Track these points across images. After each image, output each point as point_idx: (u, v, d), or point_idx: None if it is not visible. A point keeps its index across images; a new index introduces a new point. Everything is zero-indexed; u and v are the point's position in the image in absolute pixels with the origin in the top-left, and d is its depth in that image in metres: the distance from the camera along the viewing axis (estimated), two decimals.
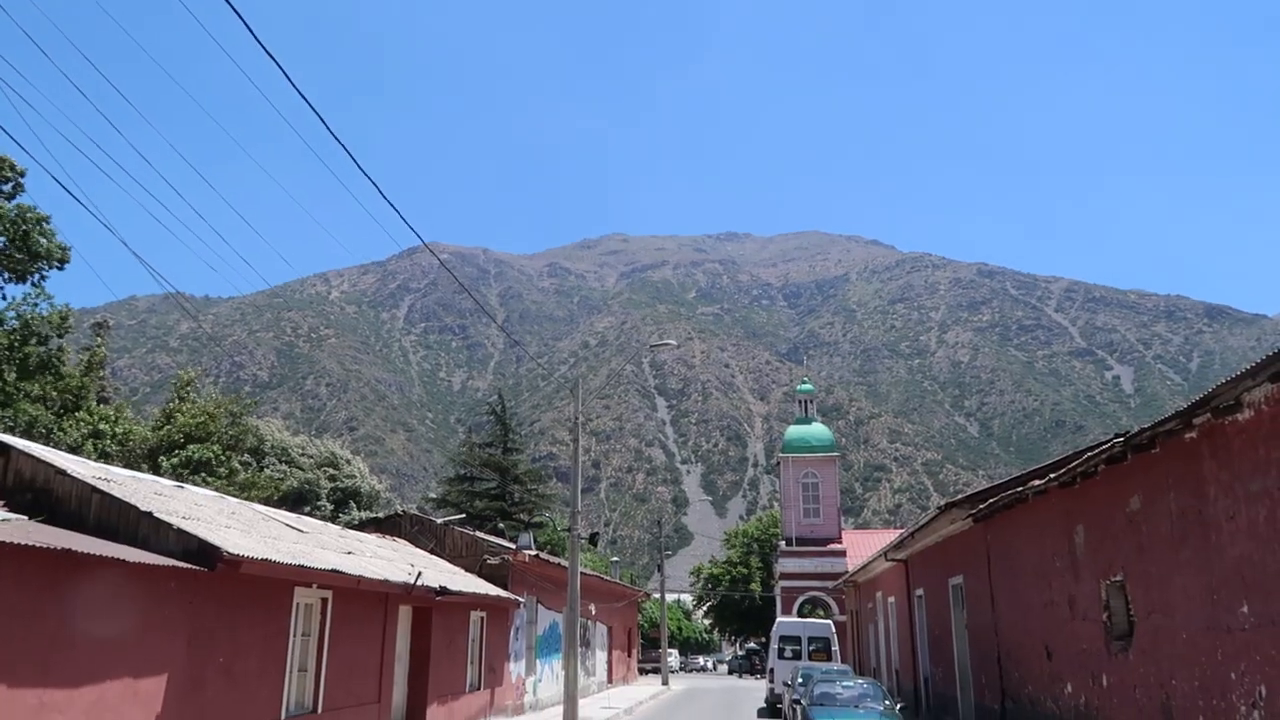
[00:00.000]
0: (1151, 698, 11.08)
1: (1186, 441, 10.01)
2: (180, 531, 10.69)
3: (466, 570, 23.18)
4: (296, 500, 37.16)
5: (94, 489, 11.05)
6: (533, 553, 25.54)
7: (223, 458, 28.68)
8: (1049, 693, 14.72)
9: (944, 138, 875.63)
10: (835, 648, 29.41)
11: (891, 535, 39.44)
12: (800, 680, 21.60)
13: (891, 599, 29.65)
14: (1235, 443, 9.11)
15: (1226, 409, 9.06)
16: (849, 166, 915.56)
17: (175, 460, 26.87)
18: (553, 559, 28.88)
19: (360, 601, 14.82)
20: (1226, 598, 9.34)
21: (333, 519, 34.93)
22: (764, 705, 30.12)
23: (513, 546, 25.41)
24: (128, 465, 23.09)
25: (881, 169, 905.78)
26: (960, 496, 19.46)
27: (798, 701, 19.49)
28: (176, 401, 29.70)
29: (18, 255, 22.63)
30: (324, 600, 13.74)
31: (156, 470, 24.85)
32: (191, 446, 27.76)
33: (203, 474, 26.72)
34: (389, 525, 25.38)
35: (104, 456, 24.18)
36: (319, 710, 13.46)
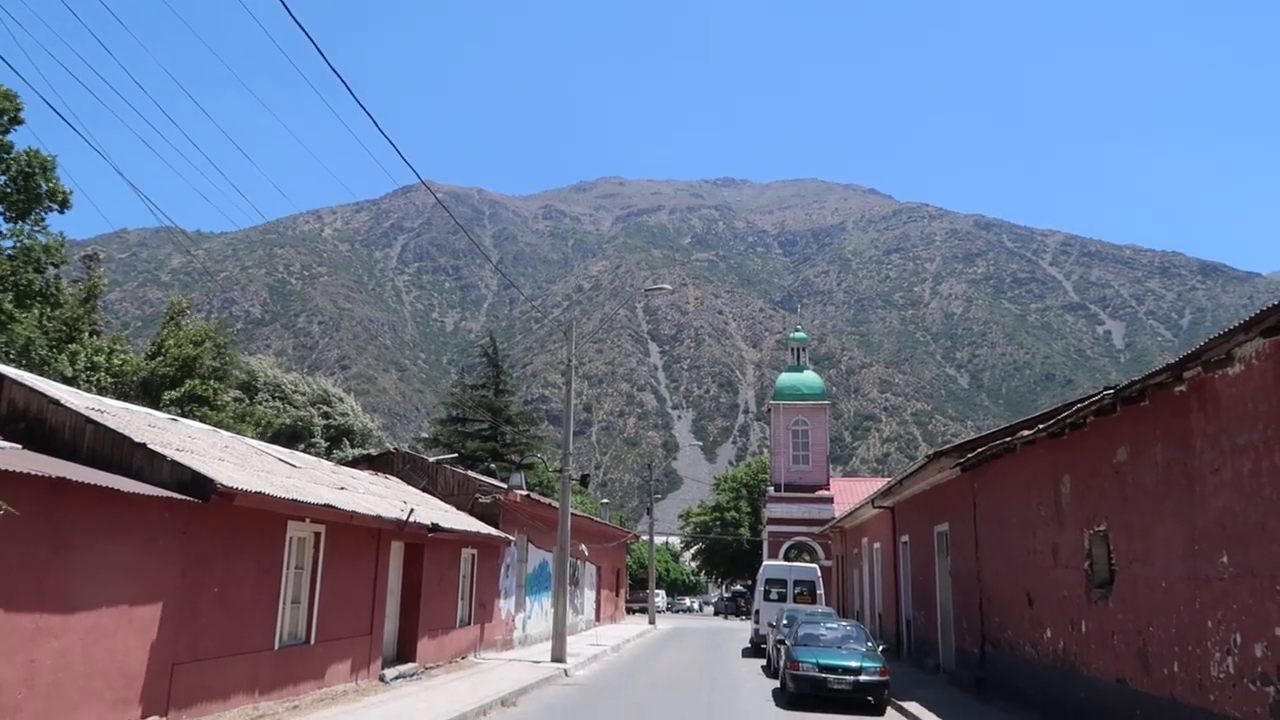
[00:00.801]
0: (1129, 644, 11.32)
1: (1176, 395, 10.09)
2: (174, 463, 10.73)
3: (458, 509, 23.38)
4: (290, 437, 37.26)
5: (88, 420, 11.07)
6: (524, 493, 25.76)
7: (219, 390, 28.63)
8: (1028, 638, 15.01)
9: (945, 88, 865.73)
10: (820, 591, 29.85)
11: (879, 483, 39.82)
12: (785, 622, 21.95)
13: (877, 545, 30.06)
14: (1224, 397, 9.18)
15: (1217, 363, 9.12)
16: (849, 114, 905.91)
17: (176, 394, 26.86)
18: (543, 499, 29.14)
19: (353, 536, 14.97)
20: (1207, 548, 9.50)
21: (326, 456, 35.09)
22: (749, 645, 30.66)
23: (504, 486, 25.61)
24: (122, 399, 23.08)
25: (882, 118, 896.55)
26: (949, 446, 19.63)
27: (782, 642, 19.85)
28: (171, 327, 29.46)
29: (18, 196, 22.49)
30: (317, 534, 13.87)
31: (157, 405, 24.85)
32: (190, 382, 27.72)
33: (205, 409, 26.71)
34: (382, 463, 25.51)
35: (100, 390, 24.17)
36: (312, 641, 13.67)
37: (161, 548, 10.20)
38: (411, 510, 16.96)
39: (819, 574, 30.97)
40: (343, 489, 16.26)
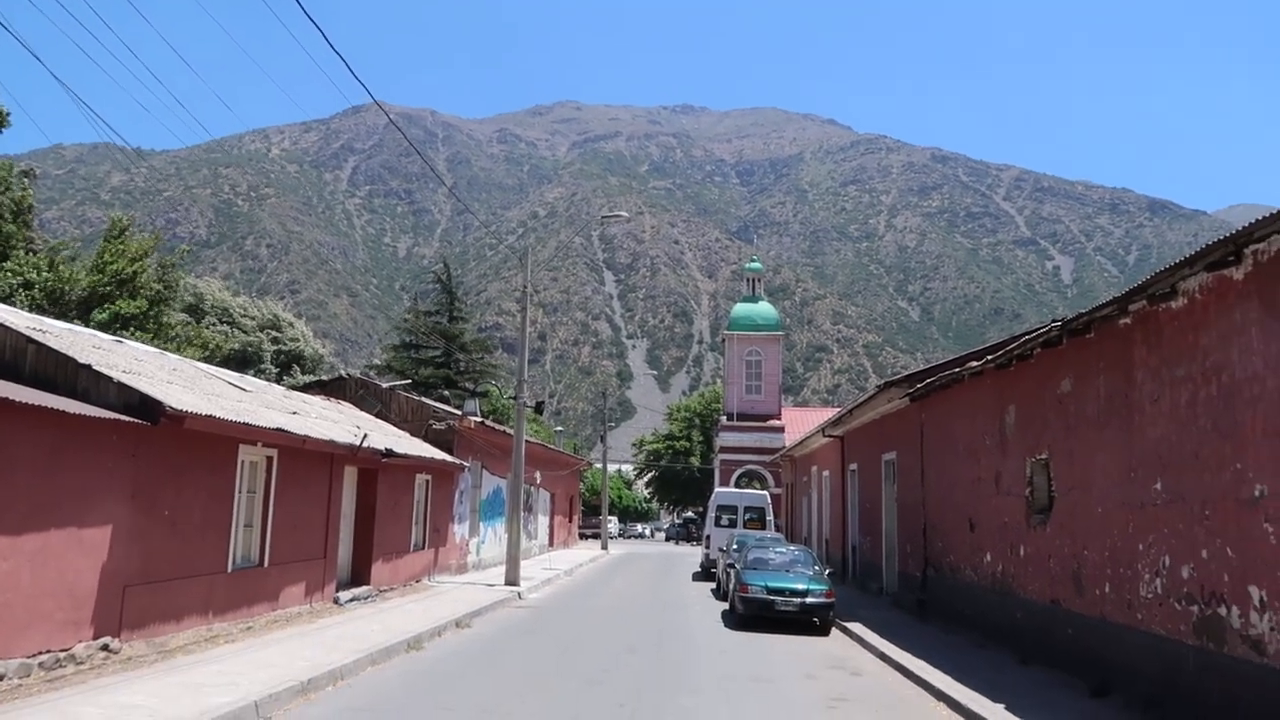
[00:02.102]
0: (1064, 567, 11.78)
1: (1120, 327, 10.33)
2: (122, 385, 10.54)
3: (412, 435, 23.35)
4: (240, 362, 36.68)
5: (29, 340, 10.78)
6: (478, 419, 25.79)
7: (151, 313, 27.75)
8: (969, 562, 15.55)
9: (906, 16, 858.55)
10: (770, 518, 30.47)
11: (829, 414, 40.48)
12: (735, 547, 22.42)
13: (826, 473, 30.70)
14: (1166, 330, 9.43)
15: (1162, 296, 9.34)
16: (810, 41, 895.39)
17: (104, 315, 26.05)
18: (498, 426, 29.22)
19: (306, 461, 14.91)
20: (1143, 475, 9.86)
21: (277, 382, 34.61)
22: (699, 570, 31.34)
23: (458, 413, 25.59)
24: (62, 319, 22.42)
25: (842, 46, 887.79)
26: (899, 376, 19.99)
27: (732, 566, 20.31)
28: (114, 243, 28.36)
29: None
30: (269, 459, 13.80)
31: (86, 325, 24.15)
32: (120, 302, 26.89)
33: (131, 329, 25.97)
34: (334, 388, 25.32)
35: (37, 308, 23.49)
36: (265, 564, 13.71)
37: (110, 470, 10.08)
38: (365, 435, 16.92)
39: (769, 501, 31.59)
40: (295, 414, 16.12)
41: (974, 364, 14.99)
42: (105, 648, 10.00)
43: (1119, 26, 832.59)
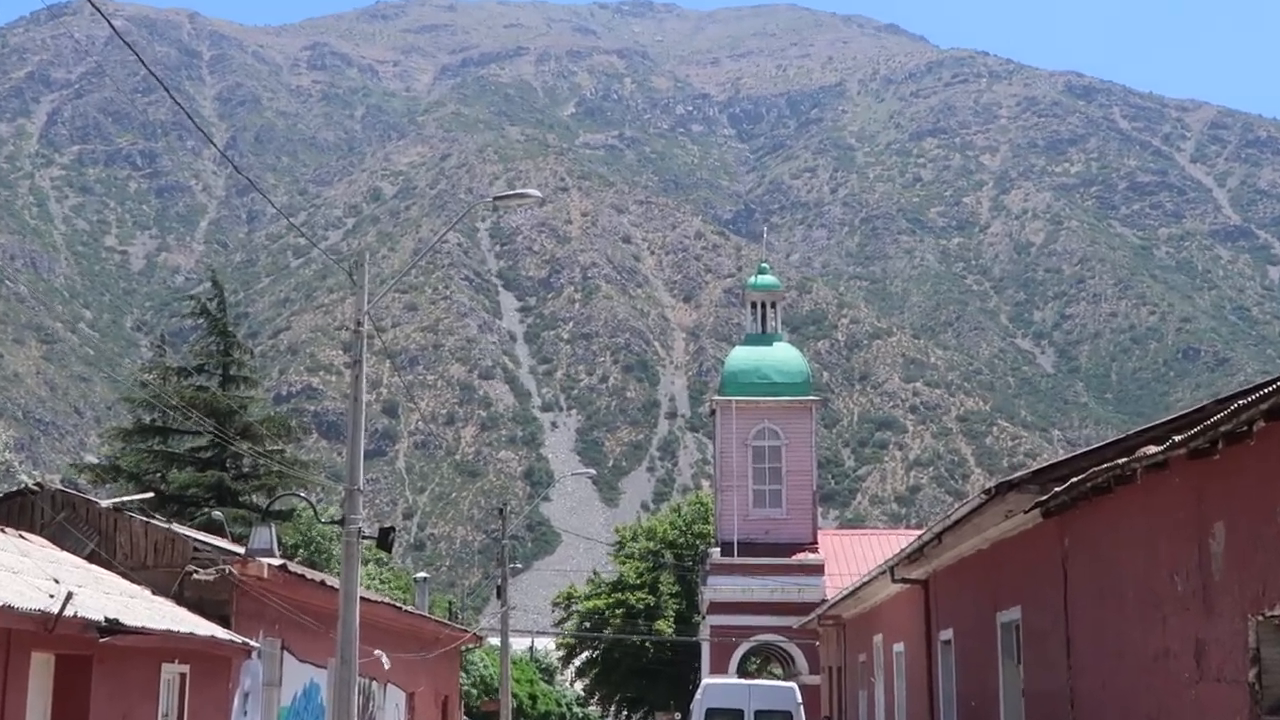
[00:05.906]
0: None
1: None
2: None
3: (157, 591, 23.05)
4: None
5: None
6: (276, 562, 25.53)
7: None
8: None
9: None
10: None
11: (901, 539, 40.62)
12: None
13: (899, 646, 30.70)
14: None
15: None
16: None
17: None
18: (312, 574, 28.95)
19: None
20: None
21: None
22: None
23: (240, 551, 25.34)
24: None
25: None
26: (1021, 474, 20.13)
27: None
28: None
29: None
30: None
31: None
32: None
33: None
34: (14, 510, 25.01)
35: None
36: None
37: None
38: (69, 595, 16.63)
39: (799, 699, 31.48)
40: None
41: (1151, 449, 15.12)
42: None
43: None
